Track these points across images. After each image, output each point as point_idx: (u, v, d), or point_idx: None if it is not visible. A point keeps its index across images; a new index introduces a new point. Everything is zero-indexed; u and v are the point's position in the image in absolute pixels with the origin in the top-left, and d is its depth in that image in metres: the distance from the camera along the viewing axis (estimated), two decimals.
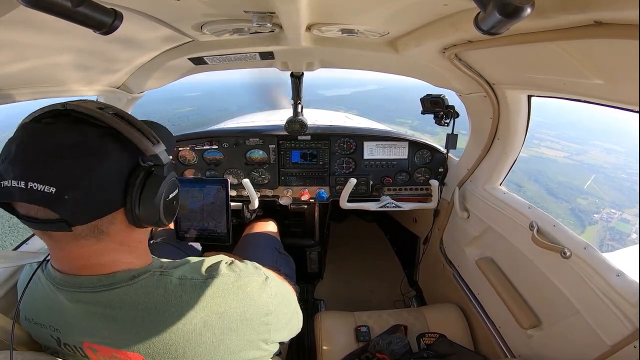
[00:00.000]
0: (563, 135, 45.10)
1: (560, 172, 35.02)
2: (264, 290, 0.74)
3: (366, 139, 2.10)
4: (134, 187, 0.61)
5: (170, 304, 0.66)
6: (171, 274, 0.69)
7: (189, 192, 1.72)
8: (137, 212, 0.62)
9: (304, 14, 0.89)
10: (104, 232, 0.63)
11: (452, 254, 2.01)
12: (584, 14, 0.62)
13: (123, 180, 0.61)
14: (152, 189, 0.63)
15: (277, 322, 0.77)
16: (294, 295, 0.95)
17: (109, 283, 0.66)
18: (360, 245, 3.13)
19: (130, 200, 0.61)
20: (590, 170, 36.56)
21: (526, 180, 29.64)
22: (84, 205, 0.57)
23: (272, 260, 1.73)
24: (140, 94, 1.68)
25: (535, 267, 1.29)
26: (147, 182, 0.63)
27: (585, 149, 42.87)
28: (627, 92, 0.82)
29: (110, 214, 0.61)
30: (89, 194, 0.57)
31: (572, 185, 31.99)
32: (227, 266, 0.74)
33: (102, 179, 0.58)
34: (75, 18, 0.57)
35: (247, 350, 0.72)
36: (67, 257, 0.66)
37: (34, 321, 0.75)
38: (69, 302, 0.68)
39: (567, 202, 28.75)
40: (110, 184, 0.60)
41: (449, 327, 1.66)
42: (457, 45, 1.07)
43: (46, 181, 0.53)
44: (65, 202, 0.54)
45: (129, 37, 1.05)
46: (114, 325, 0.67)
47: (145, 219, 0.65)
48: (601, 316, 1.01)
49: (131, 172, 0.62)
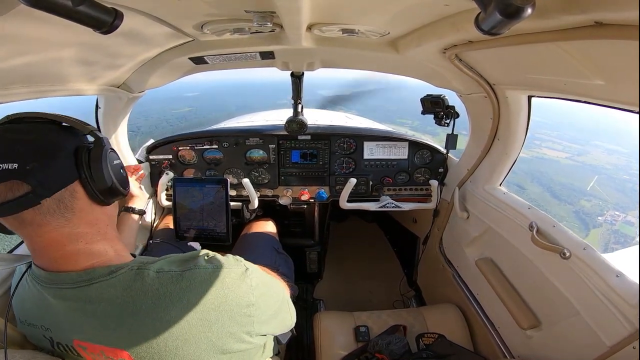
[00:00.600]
0: (564, 136, 44.62)
1: (563, 173, 34.69)
2: (243, 281, 0.75)
3: (366, 139, 2.10)
4: (82, 159, 0.70)
5: (148, 297, 0.67)
6: (149, 268, 0.71)
7: (189, 192, 1.72)
8: (91, 181, 0.71)
9: (305, 13, 0.89)
10: (70, 208, 0.68)
11: (451, 254, 2.01)
12: (585, 14, 0.62)
13: (71, 155, 0.69)
14: (97, 157, 0.72)
15: (261, 314, 0.78)
16: (282, 289, 0.95)
17: (88, 278, 0.68)
18: (360, 245, 3.13)
19: (82, 170, 0.70)
20: (593, 171, 36.18)
21: (529, 182, 29.22)
22: (45, 175, 0.65)
23: (271, 259, 1.73)
24: (141, 93, 1.68)
25: (535, 267, 1.29)
26: (91, 153, 0.72)
27: (586, 150, 42.57)
28: (628, 93, 0.82)
29: (69, 185, 0.68)
30: (47, 165, 0.65)
31: (574, 187, 31.49)
32: (206, 259, 0.76)
33: (54, 153, 0.67)
34: (76, 17, 0.57)
35: (230, 343, 0.72)
36: (45, 247, 0.69)
37: (27, 322, 0.77)
38: (54, 300, 0.70)
39: (571, 204, 28.25)
40: (62, 158, 0.68)
41: (448, 328, 1.66)
42: (457, 46, 1.07)
43: (9, 160, 0.62)
44: (28, 172, 0.63)
45: (129, 37, 1.05)
46: (94, 321, 0.68)
47: (100, 188, 0.72)
48: (600, 317, 1.01)
49: (76, 148, 0.71)
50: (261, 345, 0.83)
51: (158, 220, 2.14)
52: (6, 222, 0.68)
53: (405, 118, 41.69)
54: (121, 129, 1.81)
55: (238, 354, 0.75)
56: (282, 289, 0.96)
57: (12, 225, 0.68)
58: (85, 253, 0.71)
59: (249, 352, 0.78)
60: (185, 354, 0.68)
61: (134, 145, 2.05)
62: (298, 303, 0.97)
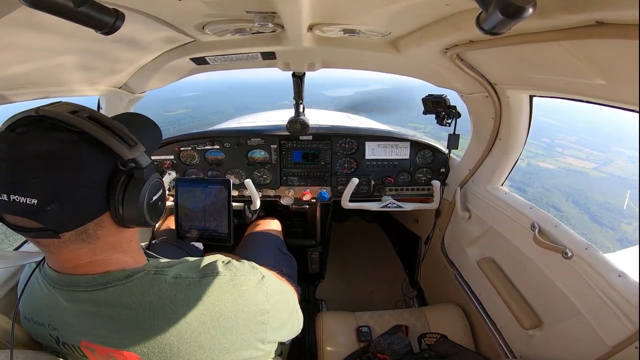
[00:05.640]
0: (584, 141, 42.51)
1: (596, 189, 31.98)
2: (259, 289, 0.74)
3: (368, 139, 2.10)
4: (116, 191, 0.62)
5: (165, 303, 0.66)
6: (166, 273, 0.70)
7: (191, 192, 1.72)
8: (122, 215, 0.64)
9: (306, 14, 0.89)
10: (93, 236, 0.64)
11: (453, 254, 2.01)
12: (586, 14, 0.62)
13: (104, 186, 0.61)
14: (134, 192, 0.64)
15: (274, 322, 0.77)
16: (293, 295, 0.95)
17: (104, 282, 0.67)
18: (362, 245, 3.12)
19: (114, 205, 0.62)
20: (622, 184, 33.49)
21: (564, 201, 26.86)
22: (68, 215, 0.58)
23: (274, 260, 1.72)
24: (142, 94, 1.69)
25: (537, 267, 1.29)
26: (128, 186, 0.63)
27: (610, 158, 40.41)
28: (629, 93, 0.82)
29: (95, 219, 0.62)
30: (72, 203, 0.58)
31: (611, 207, 28.81)
32: (223, 265, 0.75)
33: (83, 188, 0.59)
34: (77, 18, 0.57)
35: (244, 350, 0.72)
36: (61, 260, 0.67)
37: (34, 320, 0.76)
38: (66, 302, 0.69)
39: (613, 229, 25.53)
40: (91, 192, 0.60)
41: (450, 328, 1.66)
42: (458, 45, 1.07)
43: (28, 194, 0.53)
44: (48, 213, 0.55)
45: (130, 37, 1.05)
46: (109, 324, 0.67)
47: (130, 221, 0.66)
48: (602, 317, 1.01)
49: (111, 177, 0.62)
50: (272, 352, 0.82)
51: (160, 221, 2.14)
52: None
53: (418, 122, 39.94)
54: None
55: None
56: (293, 295, 0.95)
57: (28, 239, 0.65)
58: (103, 263, 0.68)
59: (260, 358, 0.78)
60: None
61: None
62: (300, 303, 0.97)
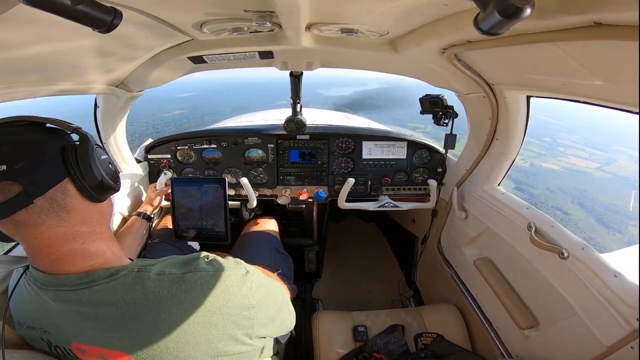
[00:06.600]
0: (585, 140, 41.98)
1: (600, 189, 31.40)
2: (243, 284, 0.75)
3: (365, 138, 2.10)
4: (69, 156, 0.71)
5: (149, 300, 0.67)
6: (149, 270, 0.71)
7: (187, 191, 1.72)
8: (81, 177, 0.71)
9: (304, 13, 0.89)
10: (63, 207, 0.69)
11: (450, 254, 2.01)
12: (584, 14, 0.62)
13: (58, 153, 0.71)
14: (83, 153, 0.73)
15: (261, 317, 0.78)
16: (283, 292, 0.96)
17: (89, 281, 0.68)
18: (358, 245, 3.13)
19: (71, 167, 0.71)
20: (627, 184, 32.69)
21: (569, 203, 26.22)
22: (34, 174, 0.66)
23: (270, 259, 1.72)
24: (139, 93, 1.68)
25: (533, 267, 1.30)
26: (78, 150, 0.73)
27: (612, 157, 39.86)
28: (627, 93, 0.82)
29: (60, 182, 0.69)
30: (35, 164, 0.67)
31: (617, 208, 27.97)
32: (206, 261, 0.76)
33: (42, 153, 0.68)
34: (75, 16, 0.56)
35: (231, 345, 0.73)
36: (41, 248, 0.69)
37: (26, 325, 0.76)
38: (53, 302, 0.70)
39: (620, 232, 24.59)
40: (49, 156, 0.69)
41: (446, 327, 1.66)
42: (456, 46, 1.07)
43: None
44: (17, 171, 0.64)
45: (128, 36, 1.05)
46: (95, 324, 0.68)
47: (91, 184, 0.73)
48: (599, 317, 1.02)
49: (63, 146, 0.72)
50: (260, 347, 0.84)
51: (157, 220, 2.13)
52: (2, 227, 0.68)
53: (417, 122, 39.29)
54: (120, 128, 1.80)
55: (237, 355, 0.75)
56: (282, 291, 0.96)
57: (7, 229, 0.68)
58: (83, 254, 0.71)
59: (248, 353, 0.78)
60: (186, 356, 0.68)
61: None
62: (296, 303, 0.97)
